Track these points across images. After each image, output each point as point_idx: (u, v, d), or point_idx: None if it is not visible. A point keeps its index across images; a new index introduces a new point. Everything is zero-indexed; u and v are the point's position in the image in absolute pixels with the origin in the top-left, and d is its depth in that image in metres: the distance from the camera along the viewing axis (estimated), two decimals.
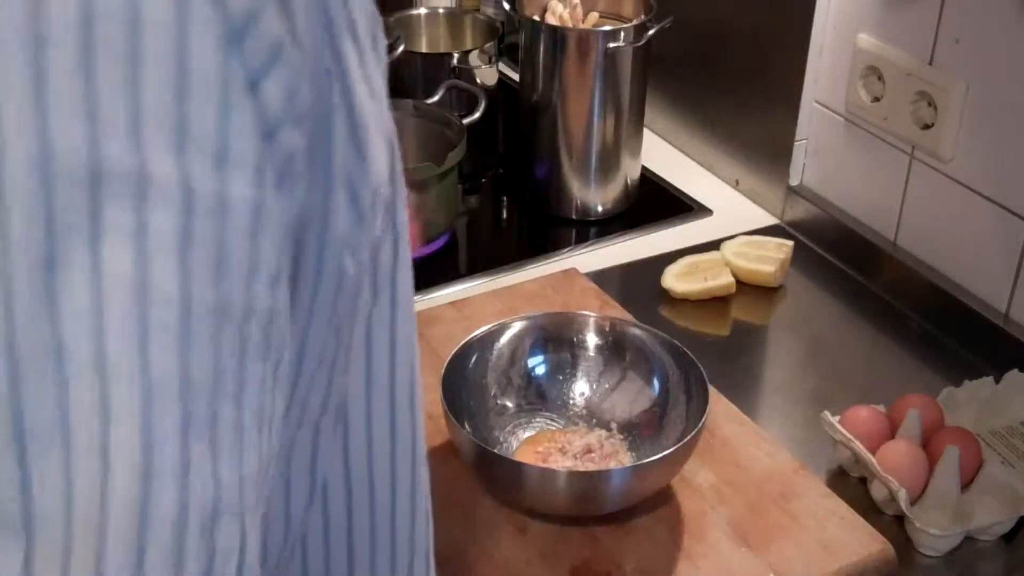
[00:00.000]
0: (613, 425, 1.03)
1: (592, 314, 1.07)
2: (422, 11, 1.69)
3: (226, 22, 0.37)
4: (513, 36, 1.64)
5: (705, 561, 0.91)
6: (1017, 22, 1.10)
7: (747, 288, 1.30)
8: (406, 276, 0.56)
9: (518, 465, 0.93)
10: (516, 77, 1.52)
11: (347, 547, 0.57)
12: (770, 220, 1.44)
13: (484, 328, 1.03)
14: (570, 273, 1.27)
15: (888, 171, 1.28)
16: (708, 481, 0.99)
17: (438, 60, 1.59)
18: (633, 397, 1.03)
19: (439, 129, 1.39)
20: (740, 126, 1.48)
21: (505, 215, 1.53)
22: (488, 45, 1.61)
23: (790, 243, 1.32)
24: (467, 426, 0.97)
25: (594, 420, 1.04)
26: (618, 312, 1.19)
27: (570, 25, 1.40)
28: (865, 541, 0.93)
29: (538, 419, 1.04)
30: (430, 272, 1.33)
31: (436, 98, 1.44)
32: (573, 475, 0.92)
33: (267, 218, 0.39)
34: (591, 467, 0.97)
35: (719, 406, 1.05)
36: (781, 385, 1.20)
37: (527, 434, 1.03)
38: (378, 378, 0.55)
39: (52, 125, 0.35)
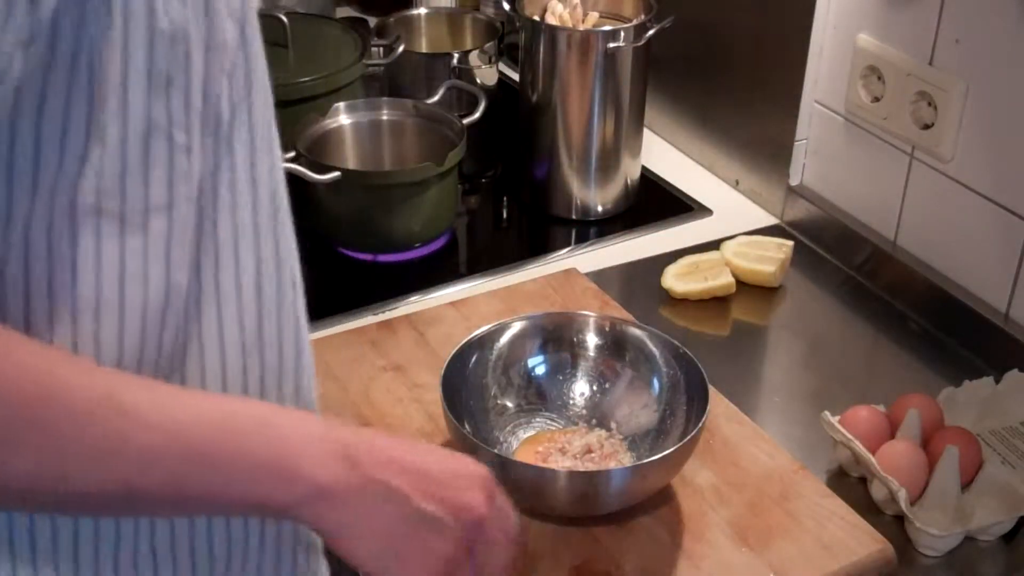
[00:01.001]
0: (613, 425, 1.03)
1: (592, 314, 1.07)
2: (422, 11, 1.69)
3: None
4: (513, 36, 1.64)
5: (705, 561, 0.91)
6: (1017, 22, 1.10)
7: (747, 288, 1.30)
8: (262, 101, 0.65)
9: (518, 465, 0.93)
10: (516, 77, 1.52)
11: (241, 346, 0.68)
12: (770, 220, 1.44)
13: (484, 328, 1.03)
14: (570, 273, 1.27)
15: (888, 171, 1.28)
16: (708, 481, 0.99)
17: (438, 60, 1.59)
18: (633, 397, 1.03)
19: (439, 129, 1.39)
20: (740, 126, 1.48)
21: (505, 215, 1.53)
22: (488, 45, 1.61)
23: (790, 243, 1.32)
24: (467, 426, 0.97)
25: (594, 420, 1.04)
26: (618, 312, 1.19)
27: (570, 25, 1.40)
28: (865, 541, 0.93)
29: (538, 419, 1.04)
30: (430, 272, 1.33)
31: (436, 98, 1.44)
32: (573, 475, 0.92)
33: None
34: (591, 467, 0.97)
35: (719, 406, 1.05)
36: (781, 385, 1.20)
37: (527, 434, 1.03)
38: (242, 190, 0.65)
39: None
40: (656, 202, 1.48)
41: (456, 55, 1.57)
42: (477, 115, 1.41)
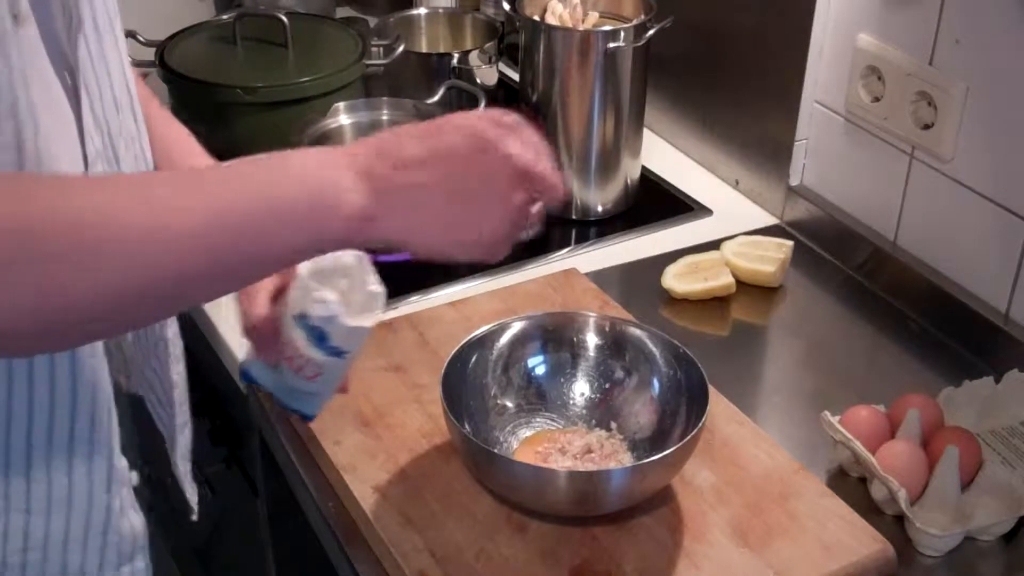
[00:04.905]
0: (613, 425, 1.03)
1: (592, 314, 1.06)
2: (422, 11, 1.69)
3: None
4: (513, 36, 1.64)
5: (705, 561, 0.91)
6: (1017, 22, 1.10)
7: (747, 288, 1.30)
8: None
9: (518, 465, 0.93)
10: (516, 77, 1.52)
11: None
12: (770, 220, 1.44)
13: (484, 328, 1.03)
14: (570, 273, 1.27)
15: (888, 171, 1.28)
16: (708, 481, 0.99)
17: (438, 60, 1.59)
18: (633, 397, 1.03)
19: None
20: (740, 126, 1.48)
21: None
22: (488, 45, 1.61)
23: (790, 243, 1.32)
24: (467, 426, 0.97)
25: (594, 420, 1.04)
26: (618, 312, 1.19)
27: (570, 25, 1.40)
28: (865, 541, 0.93)
29: (538, 419, 1.04)
30: (430, 272, 1.33)
31: (436, 98, 1.44)
32: (573, 475, 0.92)
33: None
34: (591, 467, 0.97)
35: (719, 406, 1.05)
36: (781, 385, 1.20)
37: (527, 434, 1.03)
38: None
39: None
40: (656, 202, 1.48)
41: (456, 55, 1.58)
42: None
